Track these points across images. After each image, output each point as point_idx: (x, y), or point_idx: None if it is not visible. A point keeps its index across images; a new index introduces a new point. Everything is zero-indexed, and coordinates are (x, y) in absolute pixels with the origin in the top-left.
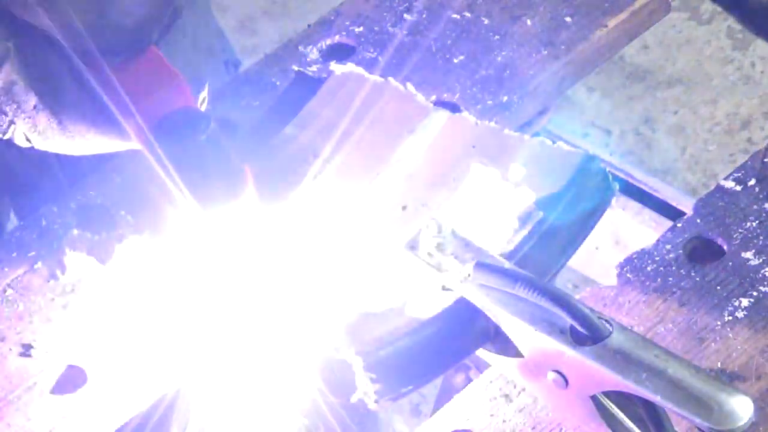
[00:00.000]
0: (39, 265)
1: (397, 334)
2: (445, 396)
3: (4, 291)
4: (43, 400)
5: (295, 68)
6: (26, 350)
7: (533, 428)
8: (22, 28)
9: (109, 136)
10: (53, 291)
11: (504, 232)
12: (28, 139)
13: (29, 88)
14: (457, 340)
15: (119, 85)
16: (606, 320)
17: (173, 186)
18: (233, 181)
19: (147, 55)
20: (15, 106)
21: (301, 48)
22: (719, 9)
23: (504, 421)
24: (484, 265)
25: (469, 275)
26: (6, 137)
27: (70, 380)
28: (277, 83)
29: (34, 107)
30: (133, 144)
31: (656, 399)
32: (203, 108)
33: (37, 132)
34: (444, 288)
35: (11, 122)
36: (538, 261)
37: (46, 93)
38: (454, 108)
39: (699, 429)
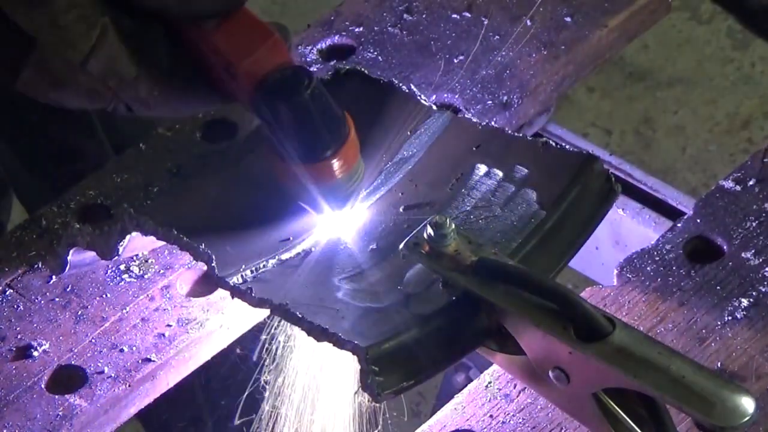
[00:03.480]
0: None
1: (400, 329)
2: (445, 396)
3: (4, 291)
4: (43, 400)
5: None
6: (26, 350)
7: (533, 428)
8: (115, 2)
9: (207, 98)
10: (53, 291)
11: (506, 232)
12: (129, 109)
13: (129, 60)
14: (459, 336)
15: (216, 47)
16: (609, 317)
17: (281, 143)
18: (338, 132)
19: (240, 15)
20: (117, 79)
21: (301, 48)
22: (719, 9)
23: (504, 421)
24: (486, 262)
25: (471, 272)
26: (110, 109)
27: (70, 380)
28: None
29: (135, 78)
30: (232, 103)
31: (658, 395)
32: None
33: (139, 101)
34: (446, 285)
35: (115, 95)
36: (539, 261)
37: (144, 62)
38: (454, 108)
39: (701, 426)
